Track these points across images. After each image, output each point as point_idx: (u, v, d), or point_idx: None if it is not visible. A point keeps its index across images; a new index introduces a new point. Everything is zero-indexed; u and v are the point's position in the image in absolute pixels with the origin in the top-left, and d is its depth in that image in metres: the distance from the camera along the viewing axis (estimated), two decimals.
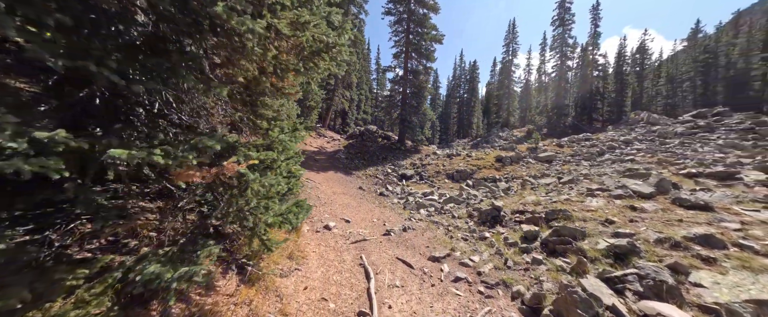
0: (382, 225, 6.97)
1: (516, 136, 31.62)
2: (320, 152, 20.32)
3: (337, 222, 6.86)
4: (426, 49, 22.82)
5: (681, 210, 4.84)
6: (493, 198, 8.78)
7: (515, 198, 7.73)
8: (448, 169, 17.92)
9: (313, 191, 10.76)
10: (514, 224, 5.81)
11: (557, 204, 5.89)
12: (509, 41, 35.95)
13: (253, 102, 3.71)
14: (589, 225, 4.73)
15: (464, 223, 6.61)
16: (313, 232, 5.89)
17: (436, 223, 6.92)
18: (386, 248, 5.36)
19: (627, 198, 5.65)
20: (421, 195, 13.22)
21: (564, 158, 17.31)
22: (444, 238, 5.85)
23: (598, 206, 5.44)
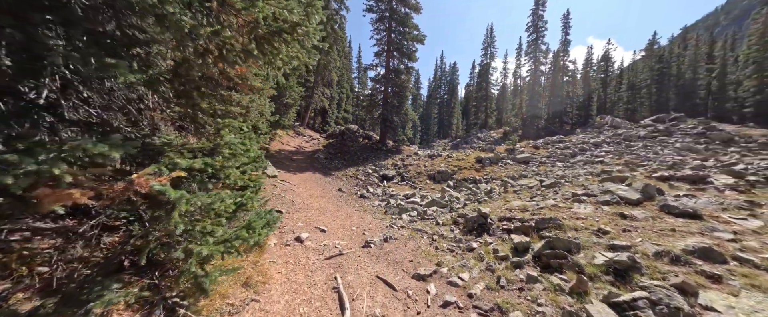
0: (361, 234, 6.27)
1: (494, 137, 32.18)
2: (298, 152, 19.16)
3: (311, 231, 6.06)
4: (408, 48, 22.34)
5: (670, 218, 4.64)
6: (476, 202, 8.38)
7: (500, 203, 7.36)
8: (430, 170, 17.56)
9: (287, 194, 9.83)
10: (502, 232, 5.36)
11: (545, 211, 5.53)
12: (487, 45, 36.53)
13: (188, 93, 2.84)
14: (582, 235, 4.37)
15: (449, 231, 6.08)
16: (282, 246, 5.06)
17: (419, 231, 6.33)
18: (365, 264, 4.67)
19: (614, 204, 5.42)
20: (403, 198, 12.66)
21: (540, 159, 17.57)
22: (428, 250, 5.27)
23: (588, 213, 5.13)
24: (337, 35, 24.11)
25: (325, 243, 5.42)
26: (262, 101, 10.41)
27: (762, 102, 29.94)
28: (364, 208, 10.40)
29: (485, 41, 36.75)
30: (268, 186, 9.91)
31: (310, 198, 10.44)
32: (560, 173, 14.64)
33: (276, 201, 8.19)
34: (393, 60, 22.69)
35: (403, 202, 11.15)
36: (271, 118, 12.60)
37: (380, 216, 8.97)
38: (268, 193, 9.02)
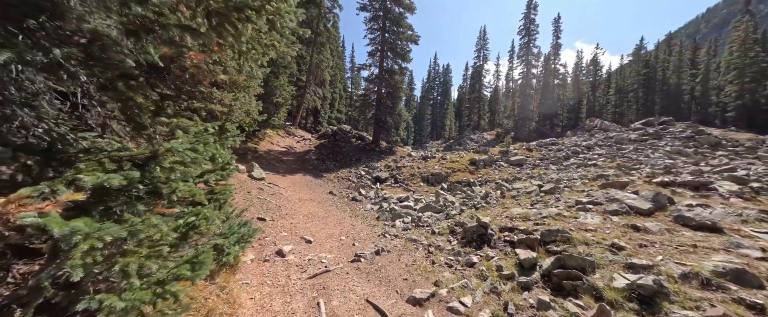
0: (351, 244, 5.67)
1: (486, 138, 31.99)
2: (288, 152, 18.38)
3: (296, 242, 5.42)
4: (402, 48, 21.80)
5: (687, 230, 4.22)
6: (473, 208, 7.87)
7: (499, 210, 6.87)
8: (424, 172, 17.06)
9: (274, 198, 9.14)
10: (504, 244, 4.85)
11: (550, 221, 5.05)
12: (480, 47, 36.39)
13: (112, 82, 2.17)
14: (595, 251, 3.88)
15: (446, 241, 5.53)
16: (260, 262, 4.41)
17: (414, 241, 5.77)
18: (354, 283, 4.08)
19: (624, 214, 4.98)
20: (397, 201, 12.10)
21: (533, 162, 17.29)
22: (424, 265, 4.71)
23: (596, 224, 4.67)
24: (330, 33, 23.40)
25: (309, 258, 4.79)
26: (247, 99, 9.67)
27: (743, 107, 30.64)
28: (355, 213, 9.80)
29: (478, 43, 36.59)
30: (253, 190, 9.21)
31: (299, 203, 9.78)
32: (554, 176, 14.35)
33: (260, 207, 7.50)
34: (387, 60, 22.12)
35: (396, 206, 10.59)
36: (259, 118, 11.85)
37: (372, 222, 8.38)
38: (252, 197, 8.33)
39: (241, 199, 7.76)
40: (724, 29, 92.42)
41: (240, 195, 8.13)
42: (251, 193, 8.78)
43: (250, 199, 8.05)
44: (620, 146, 17.80)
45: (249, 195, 8.52)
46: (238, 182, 9.60)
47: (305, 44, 24.18)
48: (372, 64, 22.27)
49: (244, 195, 8.33)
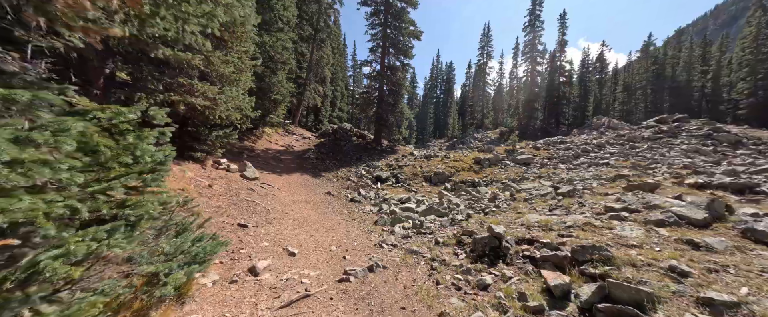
0: (341, 257, 4.77)
1: (490, 137, 30.88)
2: (287, 151, 17.55)
3: (276, 256, 4.54)
4: (404, 44, 20.81)
5: (762, 248, 3.26)
6: (482, 213, 6.92)
7: (511, 216, 5.91)
8: (426, 171, 16.11)
9: (265, 200, 8.29)
10: (524, 261, 3.91)
11: (579, 233, 4.10)
12: (484, 44, 35.16)
13: None
14: (650, 277, 2.94)
15: (453, 254, 4.61)
16: (224, 285, 3.54)
17: (414, 254, 4.85)
18: (339, 314, 3.19)
19: (673, 225, 4.01)
20: (397, 202, 11.18)
21: (541, 161, 16.22)
22: (427, 287, 3.79)
23: (640, 238, 3.71)
24: (331, 30, 22.50)
25: (288, 277, 3.90)
26: (234, 93, 8.80)
27: (755, 104, 29.08)
28: (352, 216, 8.91)
29: (482, 40, 35.38)
30: (242, 191, 8.36)
31: (292, 204, 8.92)
32: (565, 176, 13.31)
33: (245, 211, 6.65)
34: (388, 56, 21.15)
35: (396, 208, 9.67)
36: (252, 114, 11.00)
37: (369, 226, 7.47)
38: (238, 200, 7.47)
39: (224, 202, 6.91)
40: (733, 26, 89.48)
41: (225, 198, 7.28)
42: (239, 195, 7.93)
43: (235, 202, 7.19)
44: (633, 144, 16.64)
45: (235, 197, 7.66)
46: (227, 182, 8.77)
47: (305, 41, 23.33)
48: (373, 60, 21.33)
49: (230, 197, 7.47)
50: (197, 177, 8.07)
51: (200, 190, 7.14)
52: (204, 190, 7.23)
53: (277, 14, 15.94)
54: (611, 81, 35.60)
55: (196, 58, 6.56)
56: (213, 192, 7.31)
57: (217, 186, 7.98)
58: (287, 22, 17.61)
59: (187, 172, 7.95)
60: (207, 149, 10.08)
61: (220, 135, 10.40)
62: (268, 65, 16.06)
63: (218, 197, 7.12)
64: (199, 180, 7.80)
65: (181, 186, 6.68)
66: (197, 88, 7.04)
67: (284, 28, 17.09)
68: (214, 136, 10.19)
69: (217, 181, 8.51)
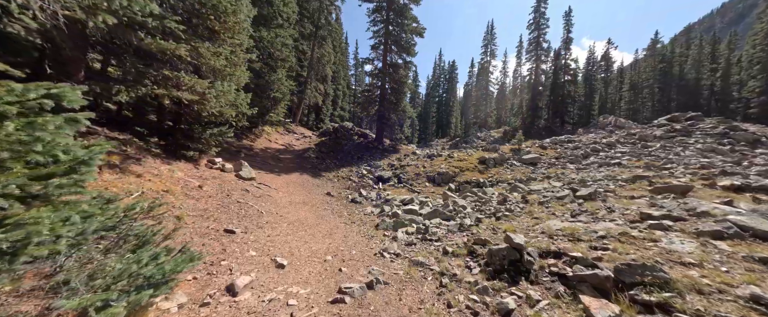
0: (336, 270, 4.14)
1: (494, 136, 30.10)
2: (287, 150, 16.97)
3: (262, 269, 3.92)
4: (406, 42, 20.13)
5: None
6: (493, 217, 6.25)
7: (527, 221, 5.25)
8: (429, 171, 15.44)
9: (259, 202, 7.69)
10: (552, 279, 3.25)
11: (614, 245, 3.42)
12: (488, 42, 34.31)
13: None
14: (727, 308, 2.28)
15: (465, 269, 3.96)
16: (193, 308, 2.91)
17: (420, 266, 4.20)
18: None
19: (734, 238, 3.33)
20: (400, 203, 10.54)
21: (548, 161, 15.48)
22: (437, 310, 3.14)
23: (695, 254, 3.04)
24: (332, 27, 21.87)
25: (272, 297, 3.27)
26: (226, 88, 8.19)
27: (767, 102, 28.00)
28: (352, 218, 8.29)
29: (485, 39, 34.53)
30: (235, 192, 7.77)
31: (288, 206, 8.31)
32: (574, 176, 12.59)
33: (235, 215, 6.05)
34: (391, 54, 20.49)
35: (399, 210, 9.03)
36: (248, 111, 10.40)
37: (370, 231, 6.84)
38: (230, 201, 6.88)
39: (213, 204, 6.31)
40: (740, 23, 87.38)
41: (215, 200, 6.68)
42: (231, 196, 7.32)
43: (225, 204, 6.58)
44: (645, 144, 15.82)
45: (227, 198, 7.06)
46: (220, 182, 8.17)
47: (306, 39, 22.74)
48: (375, 58, 20.68)
49: (221, 199, 6.87)
50: (187, 177, 7.46)
51: (188, 192, 6.53)
52: (193, 192, 6.62)
53: (276, 10, 15.34)
54: (617, 79, 34.60)
55: (181, 48, 5.92)
56: (202, 194, 6.70)
57: (209, 187, 7.38)
58: (287, 18, 17.01)
59: (176, 172, 7.35)
60: (200, 148, 9.48)
61: (214, 133, 9.80)
62: (268, 62, 15.49)
63: (207, 199, 6.51)
64: (189, 181, 7.19)
65: (166, 188, 6.07)
66: (184, 82, 6.41)
67: (284, 24, 16.50)
68: (208, 133, 9.59)
69: (210, 182, 7.91)
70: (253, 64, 13.44)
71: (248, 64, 13.51)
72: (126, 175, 5.75)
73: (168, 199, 5.60)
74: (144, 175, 6.17)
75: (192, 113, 8.95)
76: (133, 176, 5.88)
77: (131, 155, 7.00)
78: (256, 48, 13.54)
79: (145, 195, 5.30)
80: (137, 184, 5.56)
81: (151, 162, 7.21)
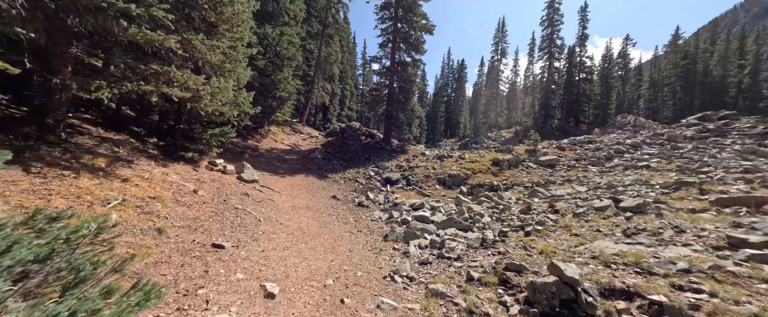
0: (337, 302, 3.35)
1: (505, 136, 28.83)
2: (293, 151, 16.37)
3: (248, 299, 3.18)
4: (415, 39, 19.22)
5: None
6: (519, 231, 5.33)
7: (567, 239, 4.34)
8: (439, 173, 14.53)
9: (259, 207, 7.01)
10: None
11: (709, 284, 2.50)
12: (498, 40, 32.96)
13: None
14: None
15: (499, 306, 3.09)
16: None
17: (442, 299, 3.36)
18: None
19: None
20: (410, 209, 9.72)
21: (567, 162, 14.31)
22: None
23: None
24: (340, 25, 21.18)
25: None
26: (223, 85, 7.53)
27: None
28: (358, 225, 7.52)
29: (496, 36, 33.17)
30: (234, 197, 7.12)
31: (290, 212, 7.61)
32: (598, 179, 11.46)
33: (229, 224, 5.37)
34: (399, 52, 19.62)
35: (409, 216, 8.21)
36: (250, 110, 9.76)
37: (378, 242, 6.05)
38: (226, 207, 6.21)
39: (206, 212, 5.64)
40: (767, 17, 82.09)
41: (209, 207, 6.01)
42: (228, 201, 6.65)
43: (219, 212, 5.90)
44: (675, 145, 14.44)
45: (223, 204, 6.39)
46: (218, 186, 7.52)
47: (313, 38, 22.13)
48: (383, 56, 19.87)
49: (216, 205, 6.20)
50: (183, 180, 6.81)
51: (180, 197, 5.86)
52: (185, 197, 5.95)
53: (282, 7, 14.72)
54: (635, 77, 32.61)
55: (171, 39, 5.22)
56: (196, 200, 6.03)
57: (205, 192, 6.71)
58: (294, 16, 16.39)
59: (170, 175, 6.71)
60: (201, 149, 8.88)
61: (215, 133, 9.19)
62: (273, 61, 14.91)
63: (200, 206, 5.83)
64: (183, 185, 6.53)
65: (154, 194, 5.41)
66: (175, 77, 5.73)
67: (290, 22, 15.88)
68: (209, 134, 8.98)
69: (207, 185, 7.25)
70: (256, 62, 12.84)
71: (251, 61, 12.92)
72: (109, 180, 5.11)
73: (153, 207, 4.93)
74: (131, 180, 5.53)
75: (191, 112, 8.36)
76: (118, 181, 5.25)
77: (122, 157, 6.41)
78: (260, 45, 12.93)
79: (126, 204, 4.63)
80: (120, 191, 4.91)
81: (144, 164, 6.61)
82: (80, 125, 7.40)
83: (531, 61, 32.82)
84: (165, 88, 5.61)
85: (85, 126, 7.47)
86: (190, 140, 8.70)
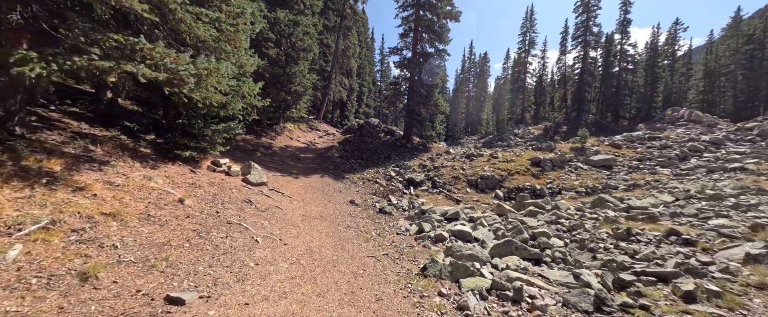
0: None
1: (533, 133, 25.77)
2: (308, 149, 14.90)
3: None
4: (440, 27, 16.98)
5: None
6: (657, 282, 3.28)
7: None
8: (469, 174, 12.39)
9: (261, 219, 5.43)
10: None
11: None
12: (526, 30, 29.61)
13: None
14: None
15: None
16: None
17: None
18: None
19: None
20: (442, 218, 7.79)
21: (628, 163, 11.61)
22: None
23: None
24: (358, 16, 19.37)
25: None
26: (215, 65, 5.92)
27: None
28: (383, 244, 5.74)
29: (523, 26, 29.83)
30: (232, 205, 5.61)
31: (300, 225, 5.97)
32: (677, 184, 8.81)
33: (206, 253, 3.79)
34: (421, 43, 17.48)
35: (444, 231, 6.30)
36: (258, 103, 8.23)
37: (415, 280, 4.22)
38: (215, 223, 4.66)
39: (182, 234, 4.11)
40: None
41: (190, 224, 4.47)
42: (220, 215, 5.09)
43: (202, 232, 4.31)
44: None
45: (212, 219, 4.82)
46: (216, 191, 6.02)
47: (330, 32, 20.51)
48: (403, 47, 17.84)
49: (201, 221, 4.64)
50: (169, 187, 5.30)
51: (156, 211, 4.31)
52: (163, 211, 4.40)
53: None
54: (685, 66, 27.98)
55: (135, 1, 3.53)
56: (176, 214, 4.46)
57: (195, 200, 5.17)
58: (309, 5, 14.79)
59: (155, 180, 5.21)
60: (203, 147, 7.41)
61: (219, 129, 7.68)
62: (288, 53, 13.43)
63: (179, 223, 4.24)
64: (167, 193, 5.00)
65: (115, 209, 3.88)
66: (144, 51, 4.10)
67: (306, 11, 14.28)
68: (212, 130, 7.47)
69: (201, 191, 5.72)
70: (267, 51, 11.32)
71: (260, 49, 11.43)
72: (51, 190, 3.61)
73: (102, 231, 3.38)
74: (90, 188, 4.04)
75: (191, 105, 6.95)
76: (67, 191, 3.75)
77: (96, 158, 5.01)
78: (271, 32, 11.40)
79: (55, 229, 3.07)
80: (57, 206, 3.38)
81: (123, 166, 5.17)
82: (60, 119, 6.17)
83: (563, 51, 29.22)
84: (128, 66, 4.02)
85: (65, 120, 6.24)
86: (190, 137, 7.29)
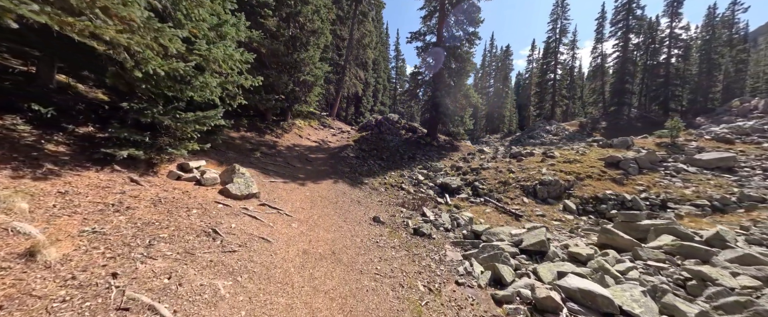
0: None
1: (568, 130, 21.84)
2: (319, 148, 12.14)
3: None
4: (470, 5, 13.75)
5: None
6: None
7: None
8: (522, 179, 9.14)
9: (226, 268, 2.52)
10: None
11: None
12: (557, 17, 25.62)
13: None
14: None
15: None
16: None
17: None
18: None
19: None
20: (515, 248, 4.71)
21: (756, 163, 7.95)
22: None
23: None
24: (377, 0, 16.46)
25: None
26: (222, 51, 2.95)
27: None
28: (434, 296, 2.65)
29: (554, 12, 25.85)
30: (164, 249, 2.71)
31: (295, 278, 3.05)
32: None
33: None
34: (448, 27, 14.31)
35: (544, 287, 3.12)
36: (246, 81, 5.47)
37: None
38: (100, 304, 1.69)
39: None
40: None
41: None
42: (122, 278, 2.29)
43: None
44: None
45: (98, 296, 1.81)
46: (156, 216, 3.19)
47: (343, 22, 17.75)
48: (427, 31, 14.74)
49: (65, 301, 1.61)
50: (25, 220, 2.42)
51: None
52: None
53: None
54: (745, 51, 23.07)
55: None
56: None
57: (72, 248, 2.30)
58: None
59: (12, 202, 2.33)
60: (158, 144, 4.70)
61: (187, 118, 4.94)
62: (296, 36, 10.75)
63: None
64: (15, 234, 2.07)
65: None
66: None
67: None
68: (176, 119, 4.75)
69: (115, 220, 2.85)
70: (264, 19, 8.56)
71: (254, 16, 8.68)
72: None
73: None
74: None
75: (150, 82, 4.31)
76: None
77: None
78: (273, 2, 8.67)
79: None
80: None
81: None
82: None
83: (598, 39, 24.98)
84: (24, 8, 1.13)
85: None
86: (139, 129, 4.59)
